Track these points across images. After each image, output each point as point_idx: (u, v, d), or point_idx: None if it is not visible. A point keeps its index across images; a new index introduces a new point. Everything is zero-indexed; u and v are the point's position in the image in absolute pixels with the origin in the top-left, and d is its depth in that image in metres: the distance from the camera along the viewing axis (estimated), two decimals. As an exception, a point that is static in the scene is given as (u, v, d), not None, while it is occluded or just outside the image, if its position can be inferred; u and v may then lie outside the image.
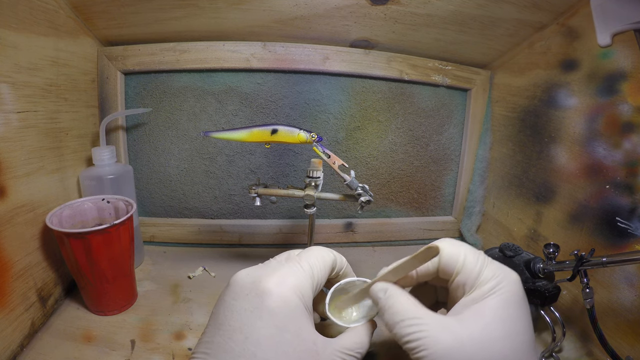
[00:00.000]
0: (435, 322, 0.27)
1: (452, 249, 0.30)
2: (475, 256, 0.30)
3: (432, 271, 0.31)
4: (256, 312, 0.27)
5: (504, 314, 0.27)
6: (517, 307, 0.27)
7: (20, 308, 0.38)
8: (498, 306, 0.27)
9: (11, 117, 0.38)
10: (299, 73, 0.57)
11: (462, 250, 0.30)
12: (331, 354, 0.28)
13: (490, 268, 0.29)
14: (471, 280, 0.29)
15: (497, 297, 0.27)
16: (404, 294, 0.30)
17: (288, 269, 0.30)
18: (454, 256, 0.30)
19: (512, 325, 0.26)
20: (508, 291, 0.28)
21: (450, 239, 0.32)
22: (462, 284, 0.29)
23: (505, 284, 0.28)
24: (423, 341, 0.26)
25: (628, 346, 0.38)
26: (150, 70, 0.55)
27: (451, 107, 0.64)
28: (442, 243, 0.31)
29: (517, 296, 0.28)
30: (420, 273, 0.32)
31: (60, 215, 0.43)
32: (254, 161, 0.60)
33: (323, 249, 0.34)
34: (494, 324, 0.26)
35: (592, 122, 0.45)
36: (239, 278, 0.30)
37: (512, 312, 0.27)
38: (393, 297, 0.30)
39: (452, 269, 0.30)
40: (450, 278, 0.30)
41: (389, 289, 0.31)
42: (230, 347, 0.26)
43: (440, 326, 0.26)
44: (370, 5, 0.49)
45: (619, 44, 0.41)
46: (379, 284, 0.32)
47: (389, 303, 0.29)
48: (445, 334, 0.26)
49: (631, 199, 0.39)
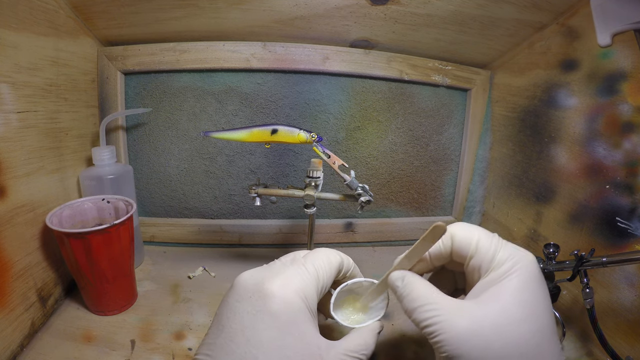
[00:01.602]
0: (451, 306, 0.27)
1: (465, 232, 0.30)
2: (489, 238, 0.30)
3: (445, 254, 0.31)
4: (259, 314, 0.27)
5: (522, 296, 0.26)
6: (535, 289, 0.27)
7: (20, 308, 0.38)
8: (515, 288, 0.26)
9: (11, 117, 0.38)
10: (299, 73, 0.57)
11: (475, 232, 0.30)
12: (335, 357, 0.28)
13: (505, 249, 0.29)
14: (486, 262, 0.29)
15: (515, 278, 0.27)
16: (421, 280, 0.30)
17: (293, 272, 0.30)
18: (467, 239, 0.30)
19: (531, 308, 0.26)
20: (525, 272, 0.27)
21: (463, 223, 0.32)
22: (478, 267, 0.29)
23: (522, 265, 0.27)
24: (440, 325, 0.26)
25: (628, 346, 0.38)
26: (150, 70, 0.55)
27: (451, 107, 0.64)
28: (454, 227, 0.31)
29: (534, 277, 0.27)
30: (435, 256, 0.32)
31: (60, 215, 0.43)
32: (254, 161, 0.60)
33: (330, 251, 0.33)
34: (512, 306, 0.26)
35: (592, 122, 0.45)
36: (243, 280, 0.30)
37: (531, 294, 0.26)
38: (411, 284, 0.30)
39: (466, 251, 0.30)
40: (464, 261, 0.30)
41: (406, 277, 0.31)
42: (232, 350, 0.26)
43: (457, 310, 0.26)
44: (370, 5, 0.49)
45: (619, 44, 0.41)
46: (396, 273, 0.31)
47: (407, 290, 0.29)
48: (462, 318, 0.25)
49: (631, 199, 0.39)
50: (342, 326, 0.33)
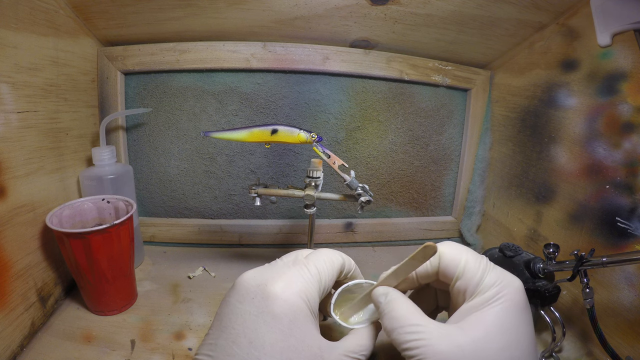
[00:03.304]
0: (434, 330, 0.26)
1: (453, 253, 0.30)
2: (477, 261, 0.29)
3: (432, 273, 0.31)
4: (261, 316, 0.27)
5: (506, 324, 0.26)
6: (519, 317, 0.27)
7: (20, 308, 0.38)
8: (500, 315, 0.26)
9: (11, 117, 0.38)
10: (299, 73, 0.57)
11: (463, 254, 0.30)
12: (336, 357, 0.28)
13: (492, 274, 0.28)
14: (472, 286, 0.28)
15: (499, 305, 0.27)
16: (404, 300, 0.30)
17: (295, 273, 0.30)
18: (455, 260, 0.30)
19: (514, 335, 0.26)
20: (510, 299, 0.27)
21: (452, 242, 0.31)
22: (463, 290, 0.29)
23: (508, 292, 0.27)
24: (422, 350, 0.25)
25: (628, 346, 0.38)
26: (150, 70, 0.55)
27: (451, 107, 0.64)
28: (443, 246, 0.30)
29: (519, 305, 0.27)
30: (421, 275, 0.31)
31: (60, 215, 0.43)
32: (254, 161, 0.60)
33: (332, 252, 0.33)
34: (495, 334, 0.26)
35: (592, 122, 0.45)
36: (245, 280, 0.30)
37: (514, 322, 0.26)
38: (393, 302, 0.29)
39: (453, 273, 0.30)
40: (450, 282, 0.30)
41: (390, 294, 0.30)
42: (234, 351, 0.26)
43: (440, 335, 0.26)
44: (370, 5, 0.49)
45: (619, 44, 0.41)
46: (380, 289, 0.31)
47: (388, 308, 0.29)
48: (445, 343, 0.25)
49: (631, 199, 0.39)
50: (341, 327, 0.33)
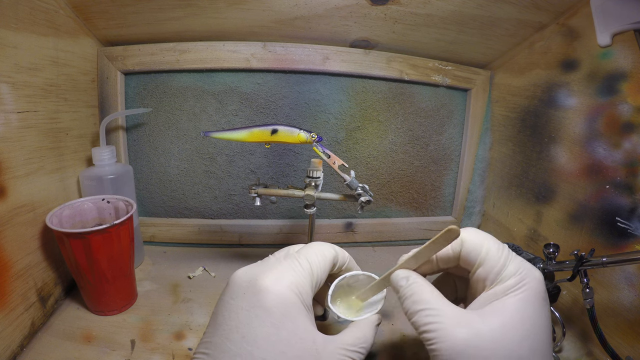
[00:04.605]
0: (453, 316, 0.26)
1: (476, 239, 0.30)
2: (499, 250, 0.29)
3: (453, 258, 0.31)
4: (252, 310, 0.27)
5: (525, 314, 0.26)
6: (539, 307, 0.27)
7: (20, 308, 0.38)
8: (520, 305, 0.26)
9: (11, 117, 0.38)
10: (299, 73, 0.57)
11: (485, 241, 0.30)
12: (332, 351, 0.28)
13: (514, 263, 0.28)
14: (493, 274, 0.28)
15: (520, 294, 0.27)
16: (426, 283, 0.30)
17: (286, 266, 0.30)
18: (477, 246, 0.29)
19: (532, 325, 0.26)
20: (531, 289, 0.27)
21: (474, 229, 0.31)
22: (484, 278, 0.29)
23: (529, 281, 0.27)
24: (438, 333, 0.25)
25: (628, 346, 0.38)
26: (150, 70, 0.55)
27: (451, 107, 0.64)
28: (465, 232, 0.30)
29: (539, 295, 0.27)
30: (441, 259, 0.31)
31: (60, 215, 0.43)
32: (254, 161, 0.60)
33: (323, 245, 0.33)
34: (514, 322, 0.26)
35: (592, 122, 0.45)
36: (237, 277, 0.30)
37: (534, 312, 0.26)
38: (415, 285, 0.29)
39: (474, 259, 0.29)
40: (471, 269, 0.30)
41: (411, 277, 0.30)
42: (228, 347, 0.26)
43: (458, 320, 0.26)
44: (370, 5, 0.49)
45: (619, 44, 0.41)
46: (401, 272, 0.31)
47: (410, 291, 0.29)
48: (462, 329, 0.25)
49: (631, 199, 0.39)
50: (339, 319, 0.32)
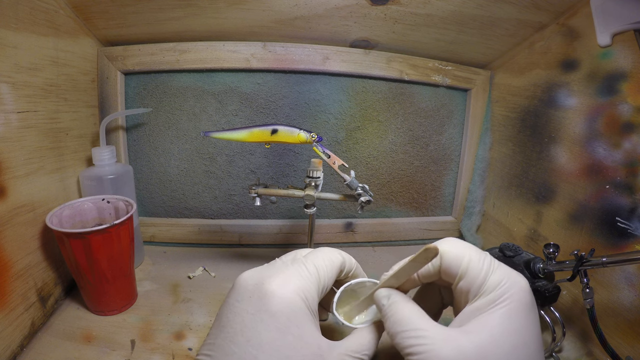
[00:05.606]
0: (437, 335, 0.25)
1: (455, 251, 0.29)
2: (480, 260, 0.28)
3: (434, 273, 0.30)
4: (258, 314, 0.27)
5: (512, 327, 0.25)
6: (525, 318, 0.26)
7: (20, 308, 0.38)
8: (505, 318, 0.25)
9: (11, 117, 0.38)
10: (299, 73, 0.57)
11: (466, 252, 0.29)
12: (337, 357, 0.28)
13: (496, 274, 0.27)
14: (476, 286, 0.27)
15: (504, 307, 0.25)
16: (407, 302, 0.29)
17: (293, 271, 0.30)
18: (457, 259, 0.28)
19: (520, 338, 0.25)
20: (516, 300, 0.26)
21: (454, 239, 0.30)
22: (467, 290, 0.28)
23: (513, 292, 0.26)
24: (425, 355, 0.24)
25: (628, 346, 0.38)
26: (150, 70, 0.55)
27: (451, 107, 0.64)
28: (444, 244, 0.29)
29: (525, 306, 0.26)
30: (423, 275, 0.31)
31: (60, 215, 0.43)
32: (254, 161, 0.60)
33: (331, 250, 0.33)
34: (500, 338, 0.24)
35: (592, 122, 0.45)
36: (243, 280, 0.30)
37: (520, 324, 0.25)
38: (395, 305, 0.29)
39: (455, 272, 0.28)
40: (453, 281, 0.29)
41: (392, 296, 0.29)
42: (232, 350, 0.26)
43: (443, 339, 0.25)
44: (370, 5, 0.49)
45: (619, 44, 0.41)
46: (382, 291, 0.31)
47: (391, 311, 0.28)
48: (448, 349, 0.24)
49: (631, 199, 0.39)
50: (344, 326, 0.33)
